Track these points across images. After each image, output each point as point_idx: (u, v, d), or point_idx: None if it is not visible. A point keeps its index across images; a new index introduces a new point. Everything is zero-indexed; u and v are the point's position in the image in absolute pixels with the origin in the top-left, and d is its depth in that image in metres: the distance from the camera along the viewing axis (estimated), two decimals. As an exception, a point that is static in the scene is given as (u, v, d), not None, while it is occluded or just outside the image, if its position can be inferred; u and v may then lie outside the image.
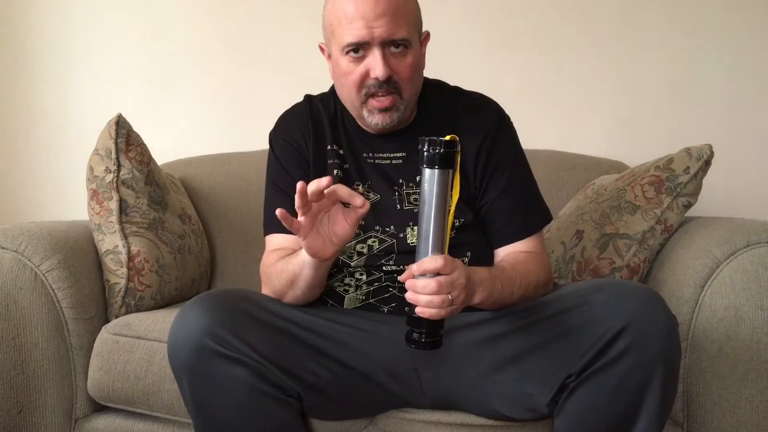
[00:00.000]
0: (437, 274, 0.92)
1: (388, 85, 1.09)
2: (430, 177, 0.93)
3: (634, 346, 0.94)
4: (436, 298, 0.91)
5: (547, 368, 1.01)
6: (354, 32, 1.07)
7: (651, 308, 0.96)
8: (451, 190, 0.95)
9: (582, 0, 1.97)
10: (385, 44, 1.08)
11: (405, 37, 1.09)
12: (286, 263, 1.10)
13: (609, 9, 1.96)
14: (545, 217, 1.20)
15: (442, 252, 0.94)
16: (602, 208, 1.43)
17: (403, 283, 0.95)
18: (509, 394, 1.06)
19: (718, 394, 1.15)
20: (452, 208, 0.96)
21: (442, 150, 0.91)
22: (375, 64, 1.08)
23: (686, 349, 1.16)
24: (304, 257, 1.04)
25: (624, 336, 0.95)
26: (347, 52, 1.10)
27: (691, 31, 1.95)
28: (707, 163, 1.36)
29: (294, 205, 1.19)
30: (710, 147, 1.37)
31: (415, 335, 0.94)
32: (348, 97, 1.15)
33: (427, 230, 0.94)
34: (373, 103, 1.11)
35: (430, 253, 0.93)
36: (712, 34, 1.95)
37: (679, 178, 1.35)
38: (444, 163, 0.92)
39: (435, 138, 0.92)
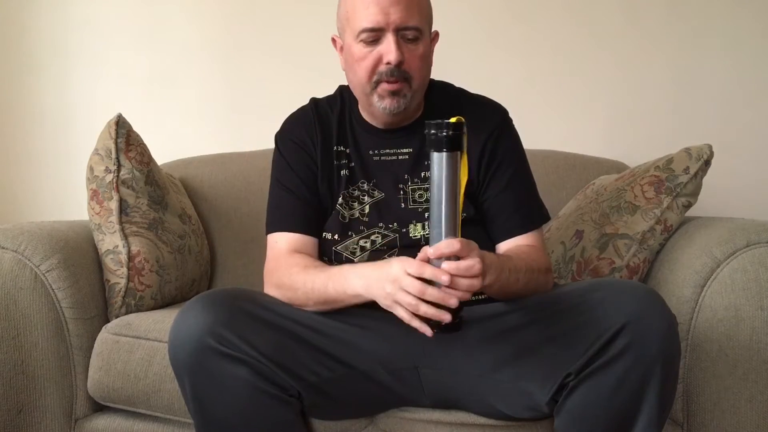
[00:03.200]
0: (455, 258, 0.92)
1: (399, 72, 1.12)
2: (438, 160, 0.92)
3: (634, 344, 0.95)
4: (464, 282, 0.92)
5: (547, 367, 1.01)
6: (370, 17, 1.11)
7: (650, 307, 0.96)
8: (460, 173, 0.94)
9: (583, 0, 1.97)
10: (399, 30, 1.11)
11: (418, 25, 1.12)
12: (321, 282, 1.08)
13: (610, 9, 1.97)
14: (544, 215, 1.22)
15: (455, 235, 0.93)
16: (602, 208, 1.43)
17: None
18: (509, 393, 1.06)
19: (718, 394, 1.15)
20: (462, 190, 0.95)
21: (450, 132, 0.91)
22: (388, 49, 1.11)
23: (686, 349, 1.16)
24: (356, 290, 1.03)
25: (623, 334, 0.95)
26: (361, 39, 1.12)
27: (692, 31, 1.96)
28: (707, 163, 1.36)
29: (300, 204, 1.19)
30: (710, 147, 1.37)
31: (434, 321, 0.94)
32: (359, 85, 1.17)
33: (438, 215, 0.93)
34: (384, 86, 1.13)
35: (443, 238, 0.93)
36: (713, 34, 1.95)
37: (679, 178, 1.35)
38: (452, 145, 0.91)
39: (441, 121, 0.91)
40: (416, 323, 0.94)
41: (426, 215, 1.17)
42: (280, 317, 1.07)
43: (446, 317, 0.92)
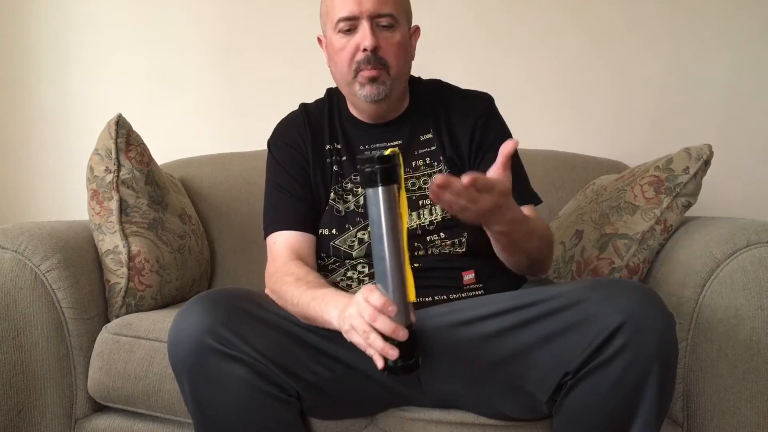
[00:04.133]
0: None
1: (376, 59, 1.16)
2: (373, 196, 0.88)
3: (631, 343, 0.94)
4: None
5: (545, 366, 1.01)
6: (344, 7, 1.17)
7: (648, 306, 0.96)
8: (399, 206, 0.90)
9: (583, 0, 1.97)
10: (373, 18, 1.16)
11: (391, 12, 1.17)
12: (306, 300, 1.07)
13: (609, 9, 1.97)
14: (537, 197, 1.25)
15: (401, 271, 0.90)
16: (602, 208, 1.43)
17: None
18: (508, 393, 1.06)
19: (718, 394, 1.15)
20: (405, 224, 0.91)
21: (380, 166, 0.87)
22: (364, 35, 1.16)
23: (686, 349, 1.16)
24: (330, 320, 1.01)
25: (621, 333, 0.95)
26: (339, 30, 1.17)
27: (691, 31, 1.96)
28: (707, 163, 1.36)
29: (295, 202, 1.21)
30: (710, 147, 1.37)
31: (389, 362, 0.91)
32: (341, 76, 1.21)
33: (380, 251, 0.88)
34: (363, 74, 1.18)
35: (389, 275, 0.89)
36: (712, 35, 1.95)
37: (679, 178, 1.35)
38: (385, 179, 0.88)
39: (371, 155, 0.88)
40: (370, 351, 0.92)
41: (420, 202, 1.20)
42: (279, 317, 1.08)
43: (392, 354, 0.89)
